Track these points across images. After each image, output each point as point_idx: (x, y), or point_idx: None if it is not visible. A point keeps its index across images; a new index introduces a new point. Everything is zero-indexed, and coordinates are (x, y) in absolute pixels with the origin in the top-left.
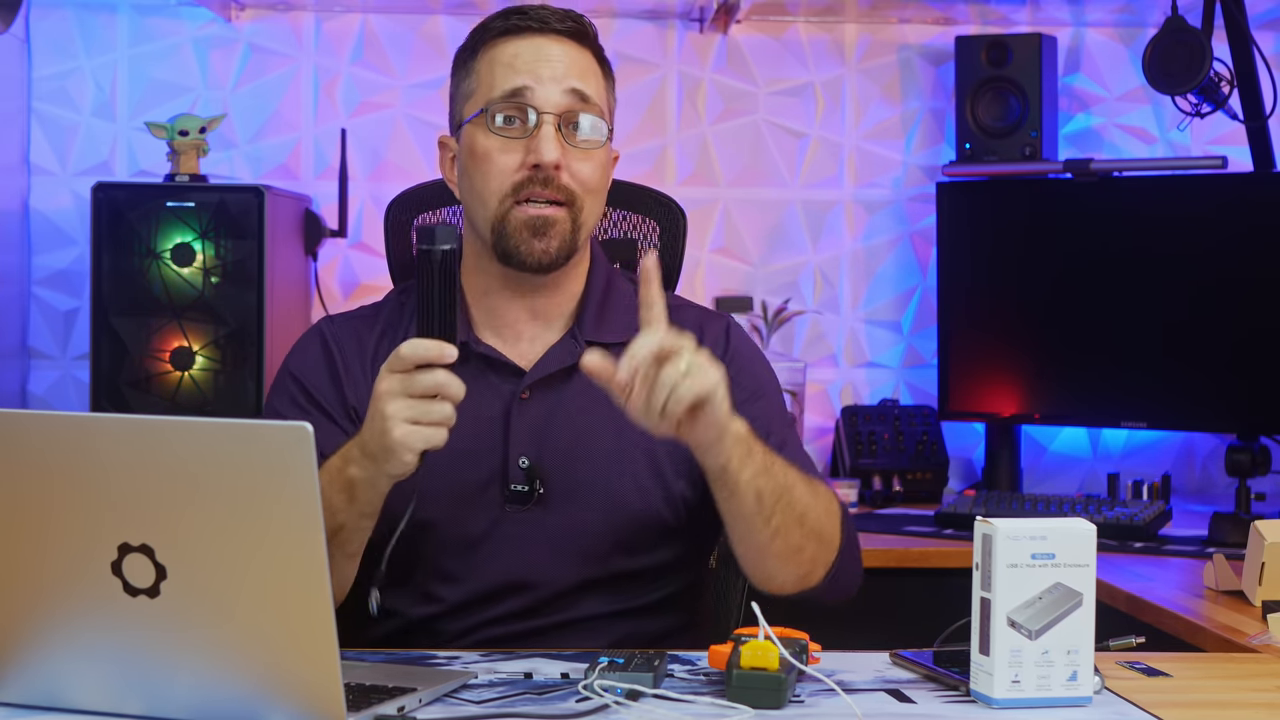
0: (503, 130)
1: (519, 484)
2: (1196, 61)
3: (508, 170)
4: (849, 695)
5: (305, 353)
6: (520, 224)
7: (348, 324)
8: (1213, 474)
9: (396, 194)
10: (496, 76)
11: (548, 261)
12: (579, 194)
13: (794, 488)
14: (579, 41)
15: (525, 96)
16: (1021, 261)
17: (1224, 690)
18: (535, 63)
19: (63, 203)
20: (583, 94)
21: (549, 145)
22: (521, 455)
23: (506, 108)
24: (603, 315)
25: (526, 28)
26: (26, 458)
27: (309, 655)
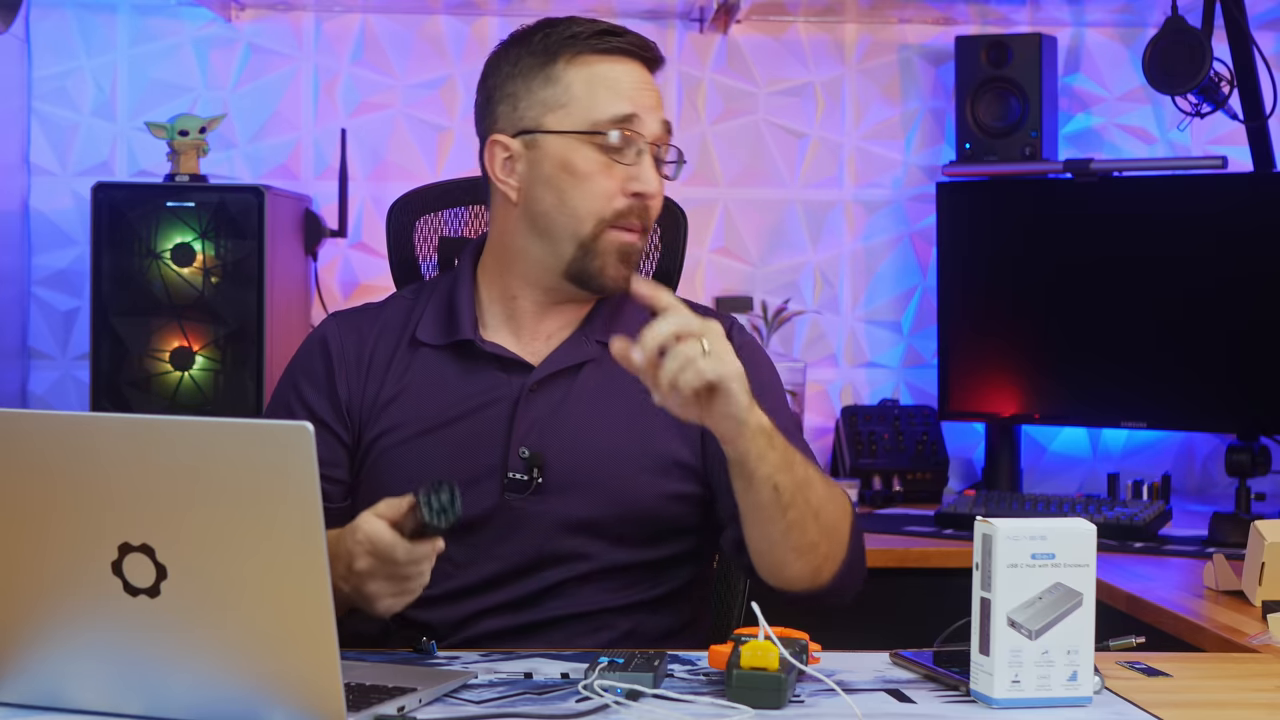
0: (613, 153)
1: (518, 472)
2: (1196, 61)
3: (610, 193)
4: (849, 695)
5: (307, 358)
6: (612, 248)
7: (352, 320)
8: (1213, 474)
9: (397, 195)
10: (600, 97)
11: (624, 287)
12: (652, 223)
13: (813, 484)
14: (656, 72)
15: (634, 124)
16: (1021, 261)
17: (1224, 690)
18: (639, 91)
19: (63, 203)
20: (670, 126)
21: (653, 176)
22: (523, 445)
23: (619, 131)
24: (615, 316)
25: (625, 51)
26: (26, 458)
27: (309, 655)
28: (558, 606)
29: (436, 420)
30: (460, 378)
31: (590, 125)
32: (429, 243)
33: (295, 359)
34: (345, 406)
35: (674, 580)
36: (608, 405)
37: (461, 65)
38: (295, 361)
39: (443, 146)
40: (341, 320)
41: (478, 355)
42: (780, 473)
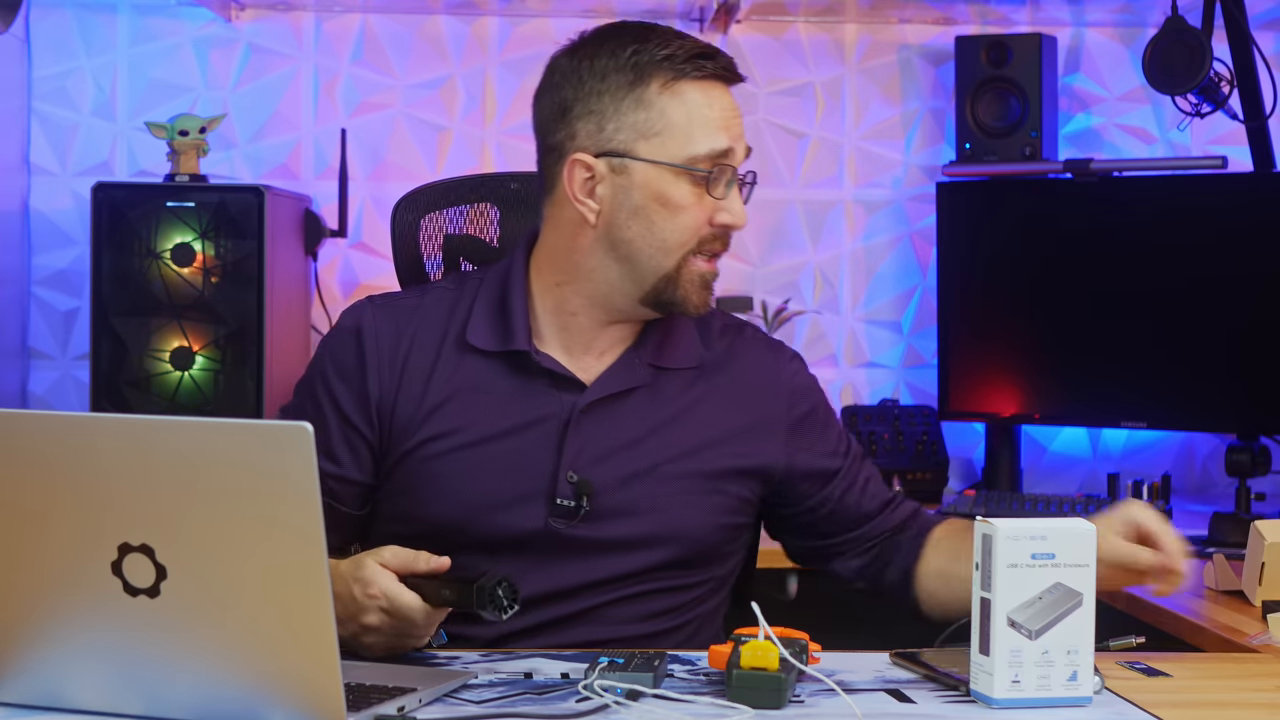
0: (705, 188)
1: (566, 499)
2: (1196, 61)
3: (697, 225)
4: (849, 695)
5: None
6: (695, 277)
7: (390, 311)
8: (1213, 474)
9: (397, 195)
10: (697, 129)
11: (705, 312)
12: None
13: None
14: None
15: (728, 158)
16: (1021, 261)
17: (1224, 690)
18: (731, 121)
19: (63, 203)
20: (749, 151)
21: (742, 209)
22: (571, 470)
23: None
24: (666, 339)
25: (719, 76)
26: (26, 458)
27: (309, 655)
28: (592, 631)
29: (483, 434)
30: (511, 390)
31: (687, 159)
32: (434, 241)
33: (327, 345)
34: (375, 405)
35: (708, 604)
36: (657, 432)
37: (461, 65)
38: (327, 347)
39: (443, 146)
40: (378, 309)
41: (530, 368)
42: None
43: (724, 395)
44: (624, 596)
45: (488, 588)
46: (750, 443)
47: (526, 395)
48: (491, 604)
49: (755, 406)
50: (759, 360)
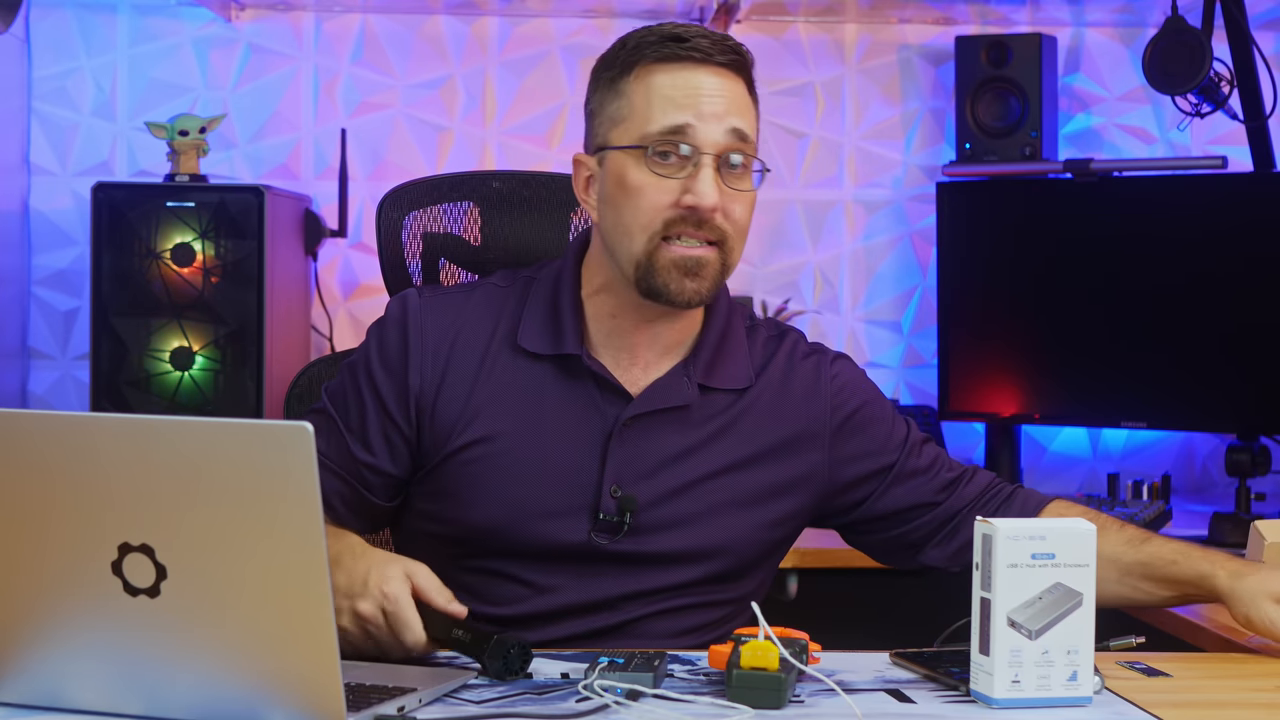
0: (659, 167)
1: (610, 514)
2: (1196, 61)
3: (660, 207)
4: (849, 695)
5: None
6: (670, 263)
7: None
8: (1213, 474)
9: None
10: (655, 108)
11: (697, 301)
12: (730, 235)
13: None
14: (736, 73)
15: (686, 134)
16: (1021, 262)
17: (1224, 690)
18: (696, 98)
19: (63, 203)
20: (742, 133)
21: (709, 188)
22: (615, 484)
23: (666, 143)
24: (717, 359)
25: (687, 57)
26: (26, 458)
27: (309, 655)
28: (627, 644)
29: (529, 440)
30: (558, 397)
31: (640, 138)
32: (417, 239)
33: (374, 332)
34: (415, 399)
35: (742, 618)
36: (700, 448)
37: (461, 65)
38: (373, 334)
39: (443, 146)
40: (426, 301)
41: (579, 372)
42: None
43: (767, 408)
44: (660, 610)
45: (507, 643)
46: (794, 455)
47: (572, 402)
48: (504, 662)
49: (799, 417)
50: (800, 369)
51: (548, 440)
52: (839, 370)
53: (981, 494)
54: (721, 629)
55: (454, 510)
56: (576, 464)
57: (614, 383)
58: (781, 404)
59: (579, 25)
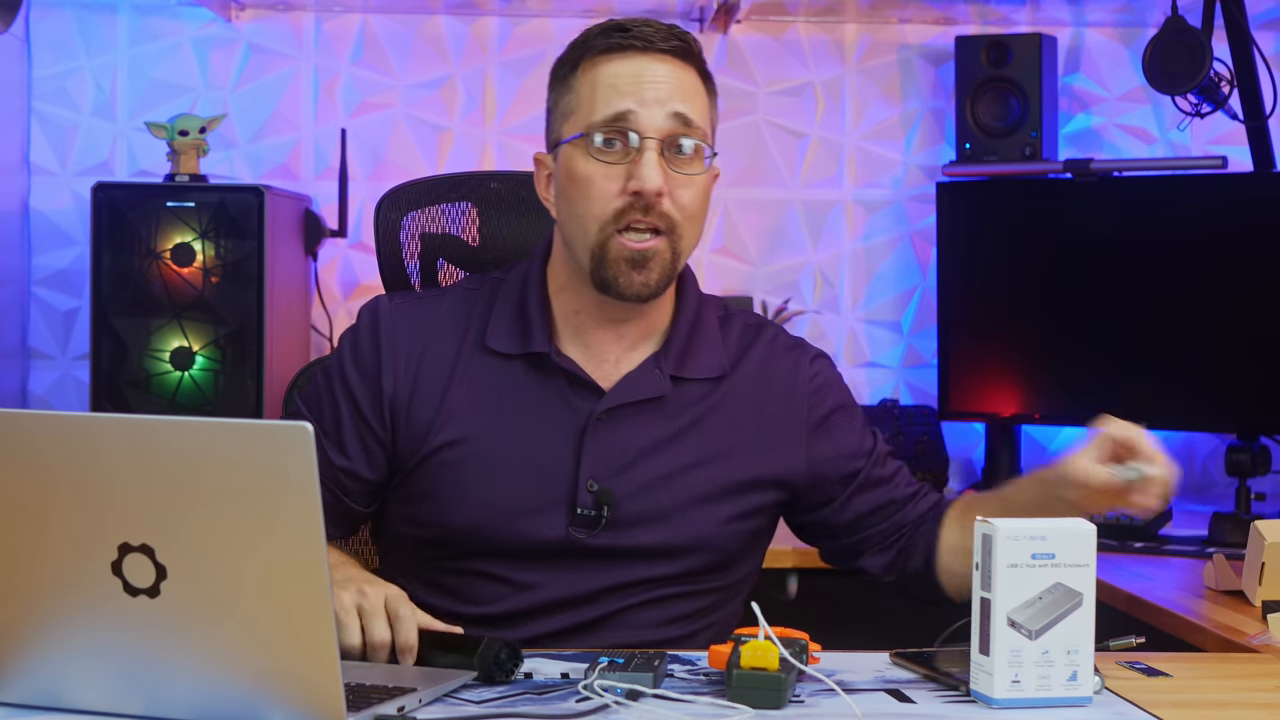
0: (603, 154)
1: (587, 508)
2: (1196, 61)
3: (609, 196)
4: (849, 695)
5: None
6: (619, 256)
7: (409, 308)
8: (1213, 474)
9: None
10: (598, 98)
11: (647, 294)
12: (680, 221)
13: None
14: (683, 60)
15: (628, 120)
16: (1021, 262)
17: (1224, 690)
18: (638, 85)
19: (63, 203)
20: (686, 117)
21: (651, 172)
22: (591, 479)
23: (608, 131)
24: (688, 349)
25: (630, 46)
26: (26, 458)
27: (309, 655)
28: (614, 636)
29: (503, 439)
30: (530, 394)
31: (586, 128)
32: (415, 239)
33: (346, 339)
34: (389, 403)
35: (728, 608)
36: (676, 441)
37: (461, 65)
38: (346, 341)
39: (443, 146)
40: (396, 307)
41: (549, 369)
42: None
43: (744, 401)
44: (644, 602)
45: (495, 646)
46: (770, 449)
47: (545, 400)
48: (494, 664)
49: (775, 411)
50: (779, 363)
51: (522, 439)
52: (819, 369)
53: (929, 510)
54: (708, 618)
55: (432, 512)
56: (552, 460)
57: (585, 378)
58: (759, 395)
59: (579, 25)
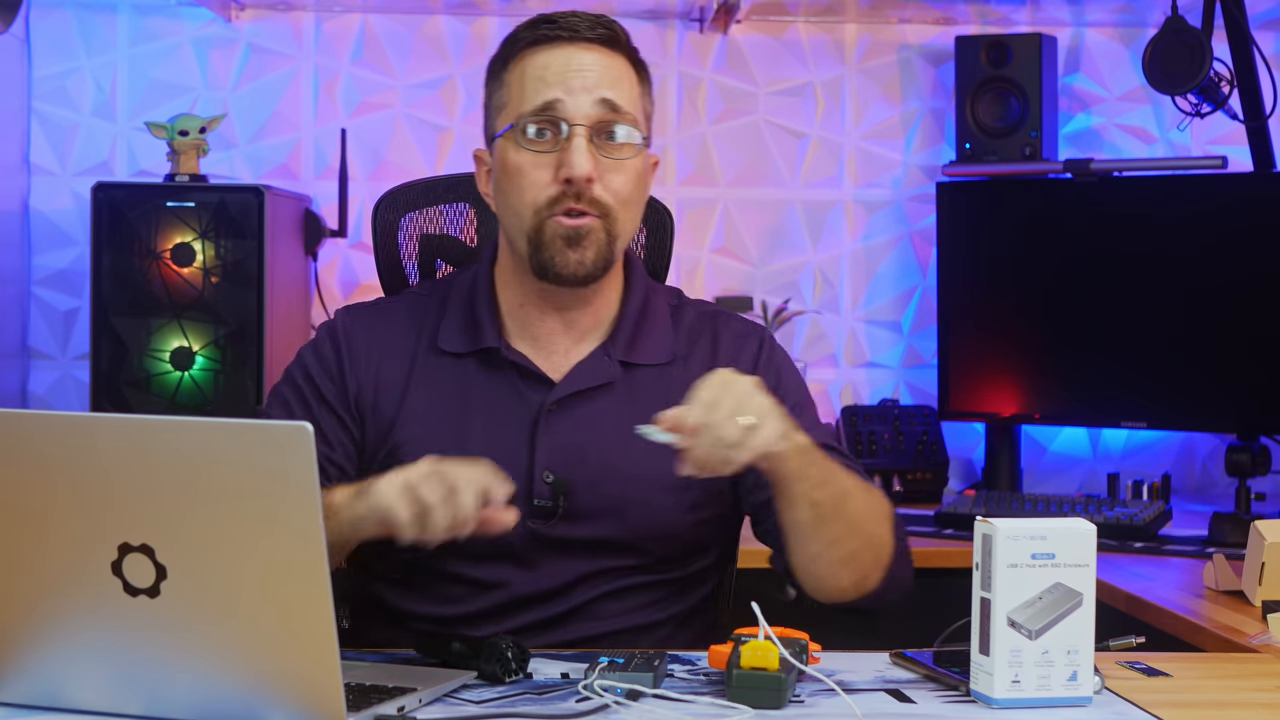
0: (534, 144)
1: (543, 499)
2: (1196, 61)
3: (541, 184)
4: (849, 695)
5: (319, 344)
6: (554, 235)
7: (365, 316)
8: (1213, 474)
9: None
10: (527, 89)
11: (583, 273)
12: (613, 206)
13: (851, 494)
14: (611, 48)
15: (555, 109)
16: (1021, 261)
17: (1224, 690)
18: (565, 73)
19: (63, 203)
20: (614, 104)
21: (580, 158)
22: (546, 470)
23: (537, 121)
24: (637, 335)
25: (556, 37)
26: (26, 458)
27: (309, 655)
28: (584, 627)
29: (458, 437)
30: (483, 390)
31: (516, 119)
32: (413, 240)
33: (304, 350)
34: (355, 397)
35: (697, 595)
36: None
37: (461, 65)
38: (304, 352)
39: (443, 146)
40: (354, 315)
41: (500, 364)
42: (819, 489)
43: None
44: (612, 591)
45: (500, 645)
46: None
47: (497, 395)
48: (500, 664)
49: None
50: (728, 346)
51: (478, 435)
52: (768, 354)
53: None
54: (684, 603)
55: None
56: (508, 454)
57: (535, 370)
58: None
59: None
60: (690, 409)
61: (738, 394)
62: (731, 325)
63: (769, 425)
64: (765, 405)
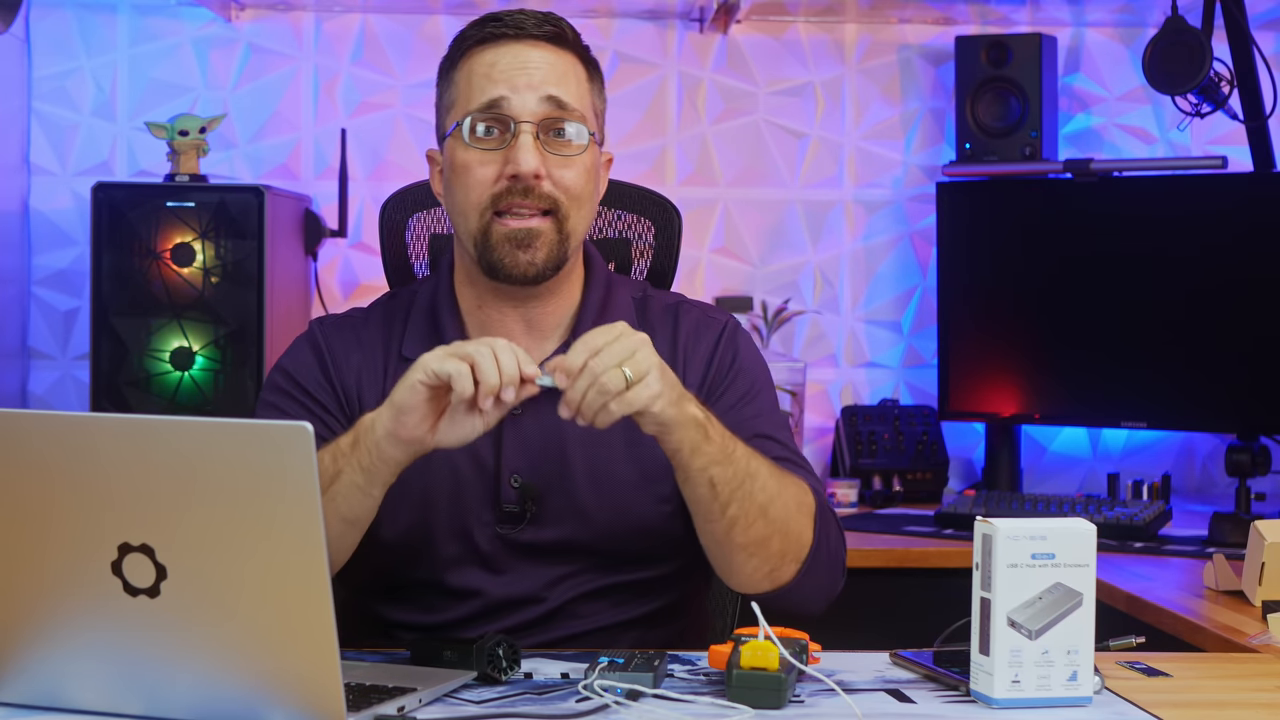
0: (481, 142)
1: (511, 504)
2: (1196, 61)
3: (486, 182)
4: (849, 695)
5: (297, 352)
6: (502, 237)
7: (339, 326)
8: (1213, 474)
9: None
10: (474, 87)
11: (534, 274)
12: (563, 202)
13: (756, 476)
14: (558, 45)
15: (502, 106)
16: (1021, 261)
17: (1224, 690)
18: (511, 71)
19: (63, 203)
20: (560, 100)
21: (527, 155)
22: (514, 474)
23: (484, 119)
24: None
25: (502, 35)
26: (26, 458)
27: (309, 655)
28: (562, 628)
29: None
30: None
31: (462, 118)
32: (421, 240)
33: (283, 361)
34: (344, 403)
35: (673, 593)
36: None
37: None
38: (286, 359)
39: None
40: (327, 325)
41: None
42: (716, 466)
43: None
44: (589, 592)
45: (489, 644)
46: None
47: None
48: (491, 663)
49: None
50: (688, 335)
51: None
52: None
53: None
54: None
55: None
56: (474, 459)
57: None
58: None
59: (579, 25)
60: (575, 353)
61: (626, 346)
62: (693, 315)
63: (652, 384)
64: (652, 363)
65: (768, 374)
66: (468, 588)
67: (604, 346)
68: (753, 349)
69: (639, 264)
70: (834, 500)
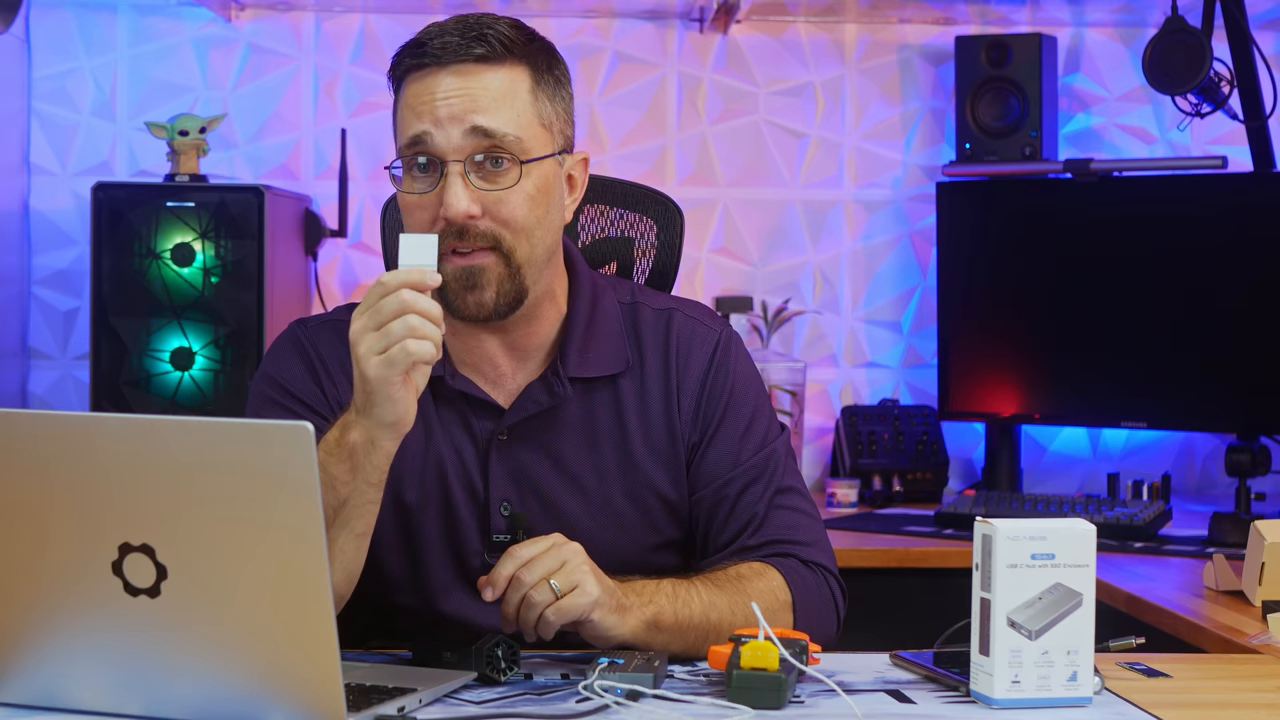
0: (416, 183)
1: (501, 534)
2: (1196, 61)
3: (426, 225)
4: (849, 696)
5: (280, 356)
6: (450, 277)
7: (322, 327)
8: (1213, 474)
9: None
10: (403, 123)
11: (485, 314)
12: (504, 237)
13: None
14: (488, 63)
15: (426, 144)
16: (1021, 261)
17: (1224, 690)
18: (432, 103)
19: (63, 203)
20: (487, 130)
21: (454, 198)
22: (504, 501)
23: (412, 158)
24: (586, 347)
25: (423, 65)
26: (26, 458)
27: (309, 655)
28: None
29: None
30: (435, 422)
31: (397, 157)
32: None
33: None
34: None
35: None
36: (585, 451)
37: None
38: (270, 364)
39: None
40: (311, 328)
41: (449, 395)
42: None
43: (649, 396)
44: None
45: (487, 644)
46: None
47: (448, 425)
48: (490, 663)
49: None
50: (681, 350)
51: (431, 469)
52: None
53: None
54: None
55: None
56: (463, 486)
57: (483, 398)
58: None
59: (579, 25)
60: (503, 565)
61: (555, 558)
62: (686, 326)
63: (589, 590)
64: (584, 572)
65: (762, 389)
66: (458, 616)
67: (533, 559)
68: (746, 365)
69: (641, 263)
70: (834, 500)
